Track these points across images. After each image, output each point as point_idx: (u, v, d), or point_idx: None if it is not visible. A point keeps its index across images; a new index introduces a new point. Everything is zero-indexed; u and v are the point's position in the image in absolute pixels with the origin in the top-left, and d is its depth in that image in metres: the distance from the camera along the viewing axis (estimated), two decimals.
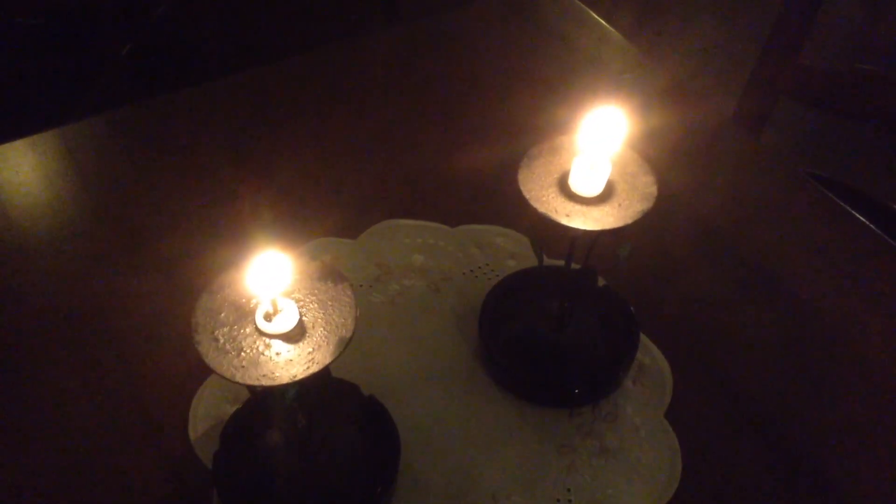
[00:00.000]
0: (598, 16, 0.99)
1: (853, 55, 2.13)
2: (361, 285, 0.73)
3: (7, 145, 0.83)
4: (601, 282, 0.72)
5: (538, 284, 0.70)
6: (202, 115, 0.89)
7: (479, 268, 0.75)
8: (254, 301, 0.48)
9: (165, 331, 0.68)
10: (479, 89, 0.93)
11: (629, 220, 0.53)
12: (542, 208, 0.54)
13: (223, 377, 0.45)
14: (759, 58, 1.05)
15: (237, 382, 0.45)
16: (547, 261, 0.66)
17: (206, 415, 0.63)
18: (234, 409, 0.62)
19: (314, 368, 0.45)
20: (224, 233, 0.76)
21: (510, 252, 0.76)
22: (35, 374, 0.66)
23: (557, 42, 0.99)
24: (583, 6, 1.03)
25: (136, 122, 0.88)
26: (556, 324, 0.68)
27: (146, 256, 0.74)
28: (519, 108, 0.90)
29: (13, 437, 0.62)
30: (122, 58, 2.12)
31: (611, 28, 1.00)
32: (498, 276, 0.73)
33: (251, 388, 0.51)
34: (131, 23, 2.18)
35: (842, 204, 0.82)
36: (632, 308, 0.69)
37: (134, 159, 0.83)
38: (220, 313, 0.47)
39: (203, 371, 0.65)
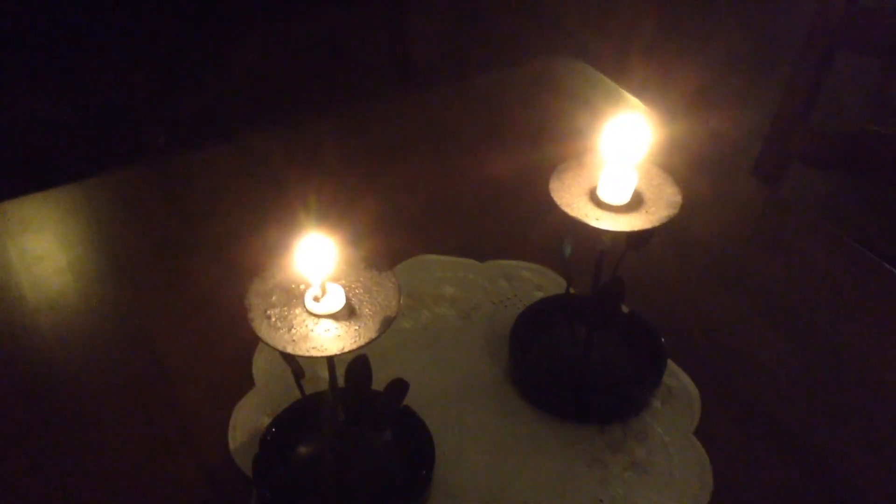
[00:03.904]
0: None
1: (869, 116, 2.19)
2: None
3: (60, 188, 0.88)
4: (625, 309, 0.74)
5: (566, 310, 0.73)
6: (236, 167, 0.94)
7: (508, 298, 0.77)
8: (302, 286, 0.51)
9: (204, 348, 0.71)
10: (502, 141, 0.98)
11: (656, 224, 0.57)
12: (573, 213, 0.57)
13: (275, 348, 0.47)
14: (770, 123, 1.11)
15: (288, 353, 0.47)
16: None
17: (244, 425, 0.65)
18: (271, 420, 0.64)
19: (362, 341, 0.47)
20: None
21: (537, 284, 0.79)
22: (78, 387, 0.68)
23: (576, 104, 1.05)
24: (599, 73, 1.09)
25: (176, 172, 0.94)
26: (584, 347, 0.70)
27: (181, 276, 0.78)
28: (541, 155, 0.94)
29: (54, 445, 0.64)
30: (158, 147, 2.22)
31: (623, 90, 1.06)
32: (526, 306, 0.75)
33: (299, 383, 0.53)
34: (165, 114, 2.29)
35: (855, 244, 0.85)
36: (662, 339, 0.71)
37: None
38: (272, 296, 0.50)
39: (242, 384, 0.68)
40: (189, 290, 0.77)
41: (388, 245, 0.82)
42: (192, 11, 2.08)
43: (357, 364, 0.52)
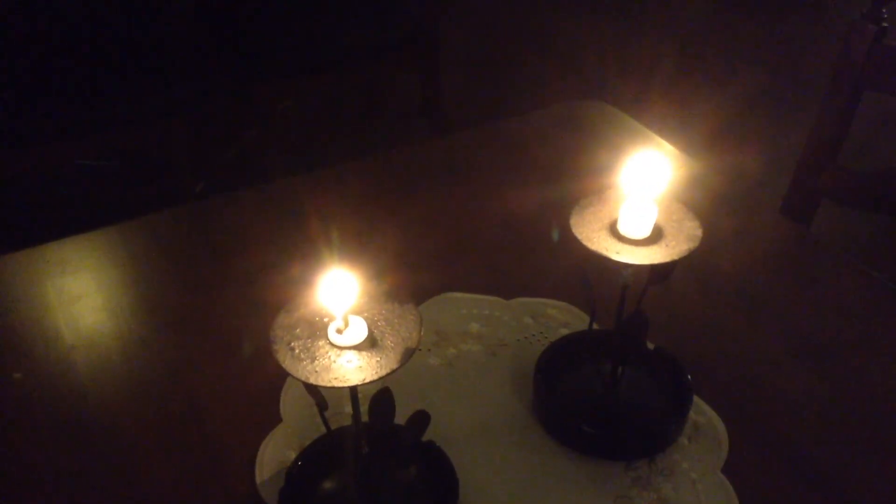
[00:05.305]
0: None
1: None
2: (420, 349, 0.76)
3: (96, 231, 0.91)
4: (650, 345, 0.74)
5: (590, 346, 0.73)
6: (263, 206, 0.96)
7: (533, 335, 0.78)
8: (325, 319, 0.52)
9: (233, 384, 0.72)
10: (525, 179, 1.00)
11: (677, 257, 0.57)
12: (593, 247, 0.58)
13: (298, 379, 0.48)
14: (798, 162, 1.10)
15: (312, 384, 0.48)
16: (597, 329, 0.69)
17: (271, 460, 0.66)
18: (297, 454, 0.65)
19: (383, 372, 0.48)
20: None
21: (562, 321, 0.79)
22: (110, 421, 0.69)
23: (599, 143, 1.06)
24: (623, 113, 1.11)
25: (206, 213, 0.96)
26: (609, 383, 0.70)
27: (211, 313, 0.80)
28: (564, 193, 0.95)
29: (86, 477, 0.65)
30: (196, 195, 2.26)
31: (646, 129, 1.07)
32: (551, 342, 0.76)
33: (322, 415, 0.54)
34: (202, 162, 2.34)
35: (887, 281, 0.84)
36: (689, 376, 0.70)
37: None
38: (296, 329, 0.51)
39: (270, 420, 0.69)
40: (218, 328, 0.79)
41: (413, 281, 0.83)
42: (229, 64, 2.13)
43: (380, 396, 0.53)
